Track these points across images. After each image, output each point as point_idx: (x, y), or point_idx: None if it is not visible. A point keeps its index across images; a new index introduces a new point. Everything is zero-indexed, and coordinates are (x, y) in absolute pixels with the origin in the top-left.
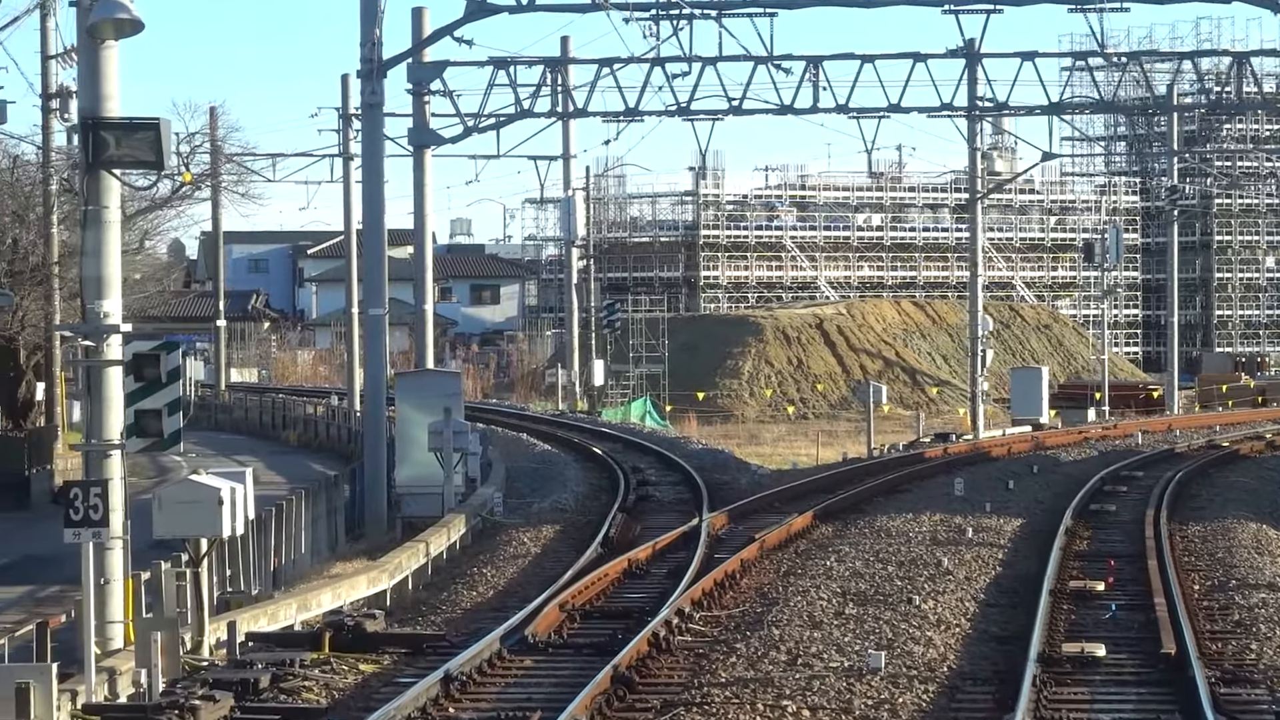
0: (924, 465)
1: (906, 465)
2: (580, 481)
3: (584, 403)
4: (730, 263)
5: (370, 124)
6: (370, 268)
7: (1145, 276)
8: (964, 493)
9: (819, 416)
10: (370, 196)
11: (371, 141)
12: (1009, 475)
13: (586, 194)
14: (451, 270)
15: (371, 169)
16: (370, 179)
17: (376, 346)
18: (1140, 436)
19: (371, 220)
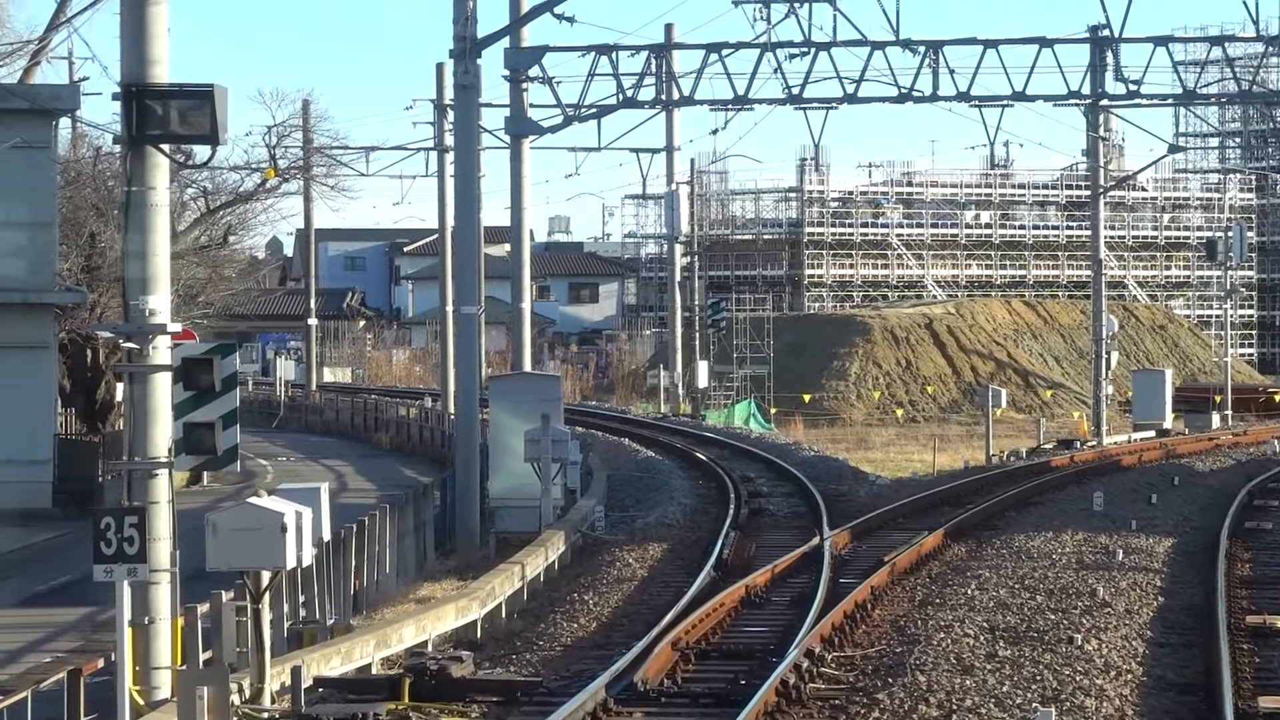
0: (1052, 475)
1: (1033, 475)
2: (687, 492)
3: (687, 405)
4: (835, 261)
5: (464, 107)
6: (463, 263)
7: (1261, 276)
8: (1104, 507)
9: (929, 420)
10: (463, 186)
11: (465, 126)
12: (1147, 487)
13: (691, 188)
14: (549, 268)
15: (464, 155)
16: (463, 166)
17: (469, 348)
18: (1277, 444)
19: (464, 211)
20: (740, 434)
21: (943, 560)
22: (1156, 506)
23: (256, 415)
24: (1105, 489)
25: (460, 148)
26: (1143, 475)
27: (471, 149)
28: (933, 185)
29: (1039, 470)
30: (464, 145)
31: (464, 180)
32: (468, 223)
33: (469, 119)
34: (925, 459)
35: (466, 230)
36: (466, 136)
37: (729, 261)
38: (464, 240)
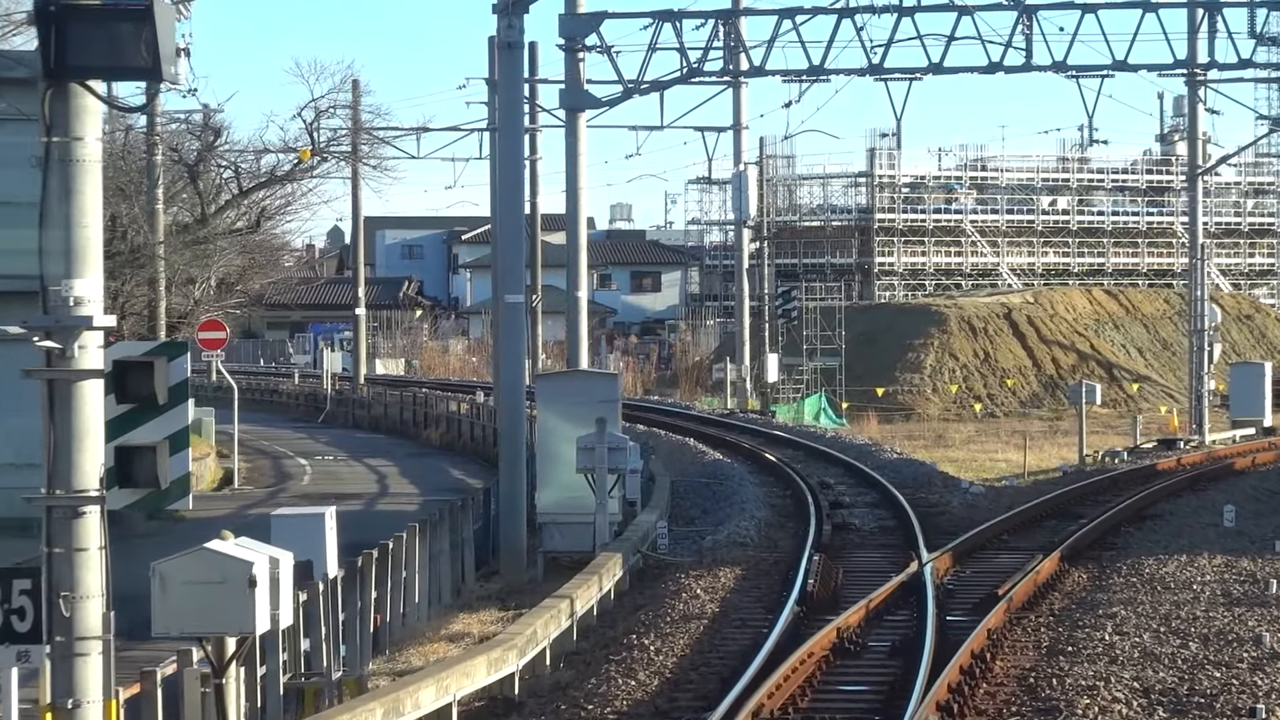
0: (1162, 481)
1: (1140, 481)
2: (760, 502)
3: (755, 401)
4: (906, 248)
5: (508, 69)
6: (508, 245)
7: None
8: (1235, 523)
9: (1008, 415)
10: (508, 158)
11: (510, 90)
12: (1271, 496)
13: (760, 168)
14: (611, 256)
15: (510, 124)
16: (508, 136)
17: (514, 340)
18: None
19: (509, 187)
20: (813, 433)
21: (1063, 591)
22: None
23: (303, 409)
24: (1228, 498)
25: (505, 116)
26: (1263, 481)
27: (516, 117)
28: (1007, 170)
29: (1146, 475)
30: (509, 113)
31: (509, 153)
32: (513, 200)
33: (514, 82)
34: (1011, 459)
35: (511, 208)
36: (511, 103)
37: (796, 249)
38: (509, 220)
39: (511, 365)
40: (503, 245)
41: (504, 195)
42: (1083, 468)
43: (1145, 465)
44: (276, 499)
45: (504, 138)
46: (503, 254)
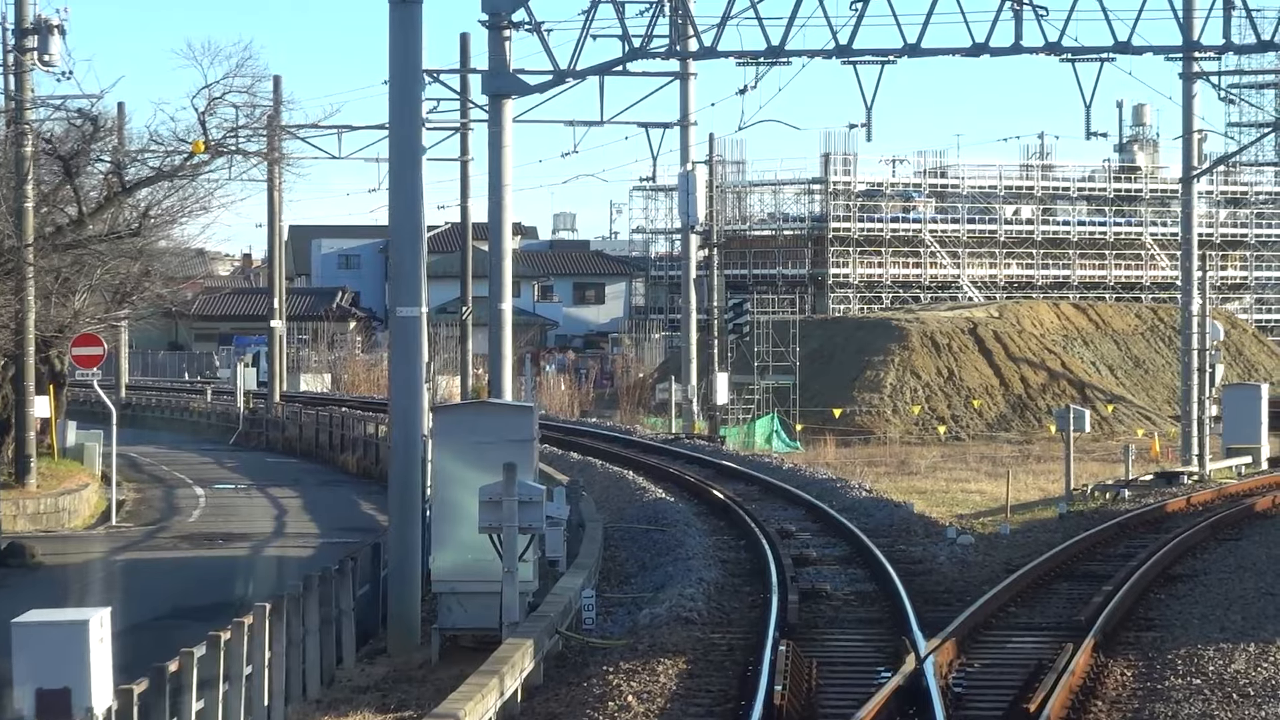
0: (1177, 527)
1: (1151, 527)
2: (709, 557)
3: (703, 423)
4: (862, 259)
5: (401, 30)
6: (401, 246)
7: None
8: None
9: (975, 438)
10: (401, 139)
11: (403, 56)
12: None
13: (710, 168)
14: (553, 267)
15: (403, 98)
16: (402, 112)
17: (407, 363)
18: None
19: (402, 174)
20: (768, 463)
21: (1108, 699)
22: None
23: (216, 429)
24: (1265, 552)
25: (398, 90)
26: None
27: (411, 90)
28: (967, 178)
29: (1155, 520)
30: (403, 86)
31: (402, 135)
32: (407, 192)
33: (407, 47)
34: (985, 490)
35: (405, 203)
36: (404, 73)
37: (746, 259)
38: (403, 217)
39: (404, 393)
40: (396, 248)
41: (397, 186)
42: (1071, 507)
43: (1151, 506)
44: (155, 539)
45: (396, 116)
46: (396, 258)
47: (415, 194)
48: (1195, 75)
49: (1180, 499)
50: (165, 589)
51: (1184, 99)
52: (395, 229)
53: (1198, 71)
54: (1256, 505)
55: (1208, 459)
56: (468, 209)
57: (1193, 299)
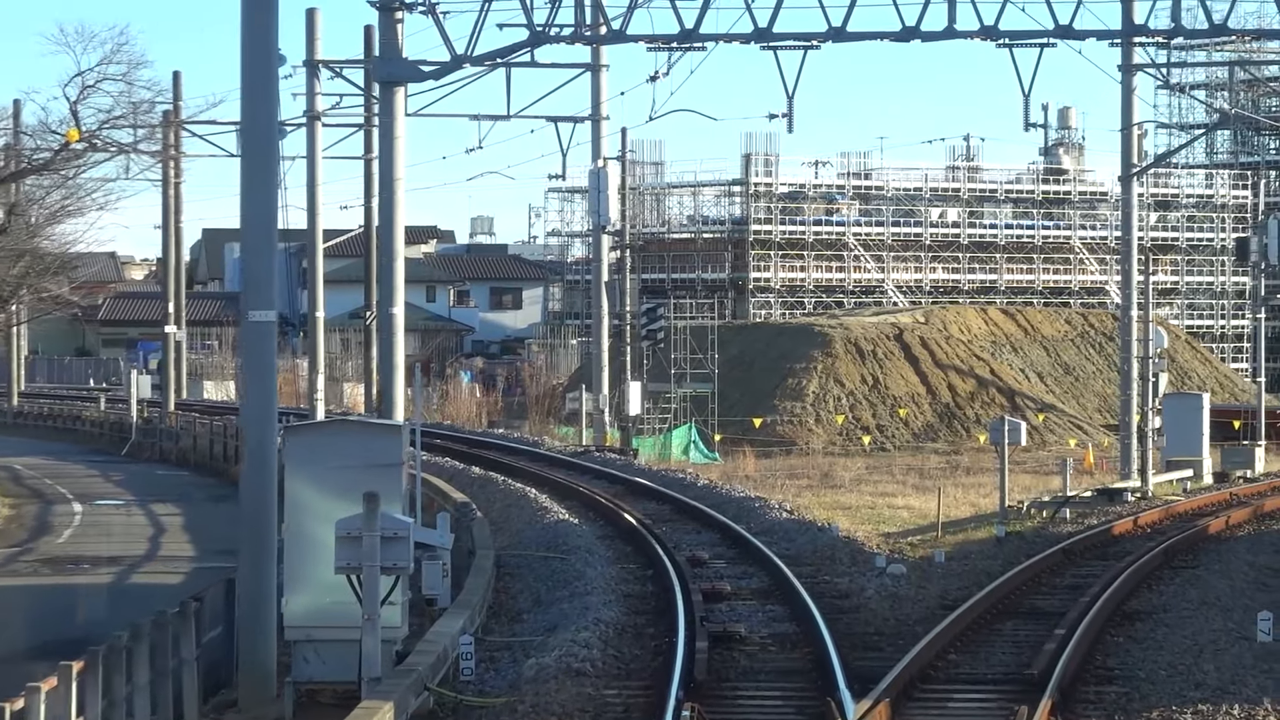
0: (1126, 552)
1: (1097, 552)
2: (610, 591)
3: (615, 435)
4: (784, 263)
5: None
6: (252, 243)
7: (1255, 283)
8: (1274, 635)
9: (901, 448)
10: (253, 121)
11: (256, 23)
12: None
13: (623, 164)
14: (470, 271)
15: (256, 72)
16: (255, 89)
17: (260, 378)
18: None
19: (255, 160)
20: (682, 480)
21: None
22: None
23: (109, 439)
24: (1229, 584)
25: (251, 62)
26: (1254, 553)
27: (264, 62)
28: (892, 180)
29: (1102, 544)
30: (255, 58)
31: (254, 117)
32: (259, 182)
33: (260, 12)
34: (913, 505)
35: (257, 194)
36: (256, 43)
37: (665, 263)
38: (255, 212)
39: (257, 408)
40: (248, 246)
41: (249, 179)
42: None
43: (1096, 528)
44: (15, 563)
45: (248, 99)
46: (248, 257)
47: (269, 187)
48: (1135, 66)
49: (1127, 519)
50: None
51: (1123, 91)
52: (248, 226)
53: (1138, 63)
54: (1209, 527)
55: (1150, 474)
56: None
57: (1133, 304)
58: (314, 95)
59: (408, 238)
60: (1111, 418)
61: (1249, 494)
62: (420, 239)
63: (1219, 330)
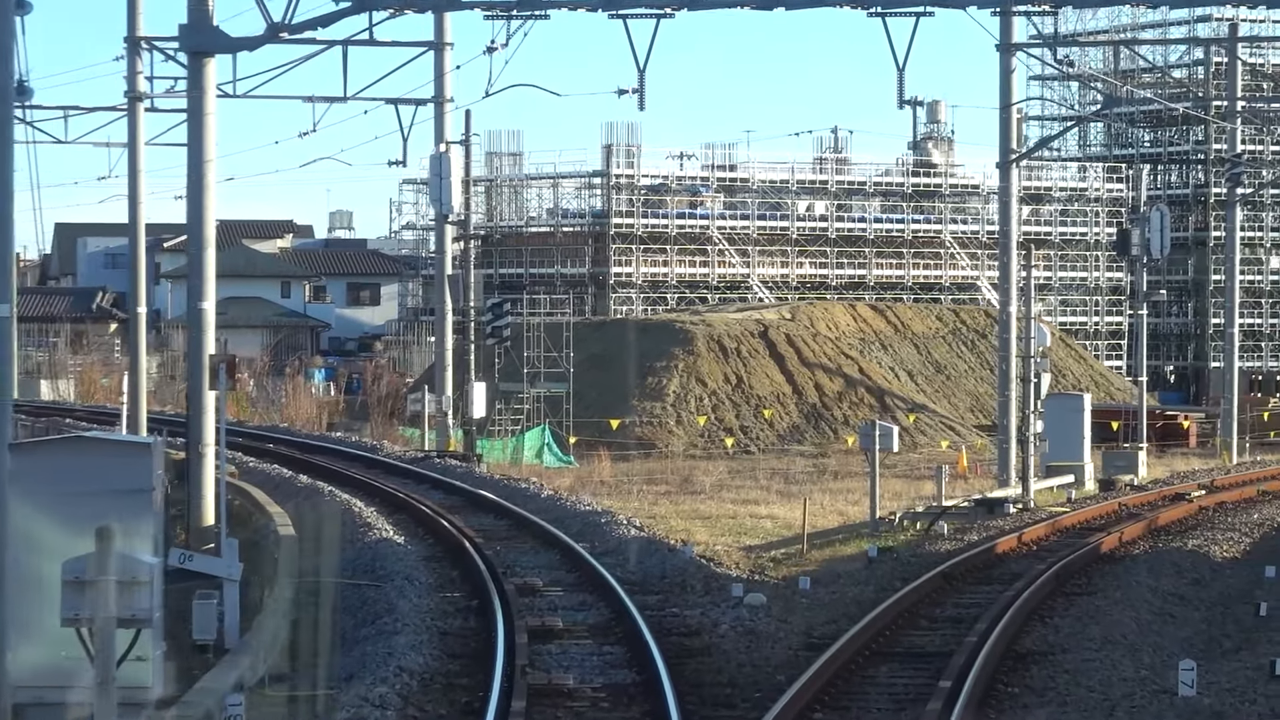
0: (1011, 575)
1: (980, 574)
2: (425, 629)
3: (460, 439)
4: (646, 257)
5: None
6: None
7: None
8: (1198, 687)
9: (765, 451)
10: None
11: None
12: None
13: (466, 148)
14: (326, 267)
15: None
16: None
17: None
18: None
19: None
20: (526, 490)
21: None
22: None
23: None
24: (1132, 614)
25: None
26: (1155, 576)
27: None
28: (758, 173)
29: (985, 565)
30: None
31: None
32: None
33: None
34: (777, 515)
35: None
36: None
37: (523, 258)
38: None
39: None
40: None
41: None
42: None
43: (978, 546)
44: None
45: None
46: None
47: (4, 171)
48: (1015, 45)
49: (1010, 536)
50: None
51: (1001, 71)
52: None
53: (1018, 41)
54: (1102, 545)
55: (1031, 483)
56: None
57: (1011, 299)
58: (135, 75)
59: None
60: (984, 417)
61: (1139, 504)
62: (275, 233)
63: (1093, 327)
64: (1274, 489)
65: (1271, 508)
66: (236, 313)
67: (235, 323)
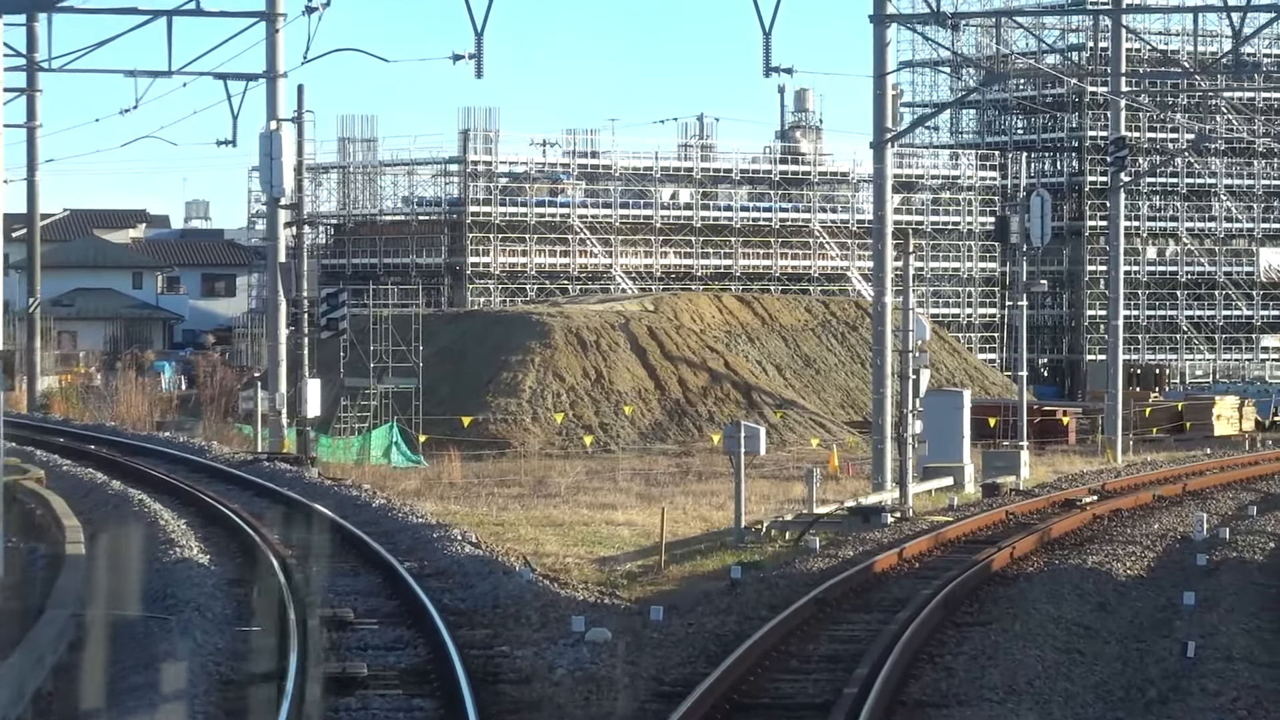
0: (892, 600)
1: (857, 600)
2: (206, 678)
3: (294, 440)
4: (504, 246)
5: None
6: None
7: (1004, 269)
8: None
9: (626, 450)
10: None
11: None
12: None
13: (299, 126)
14: (181, 257)
15: None
16: None
17: None
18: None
19: None
20: (357, 499)
21: None
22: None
23: None
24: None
25: None
26: (1056, 602)
27: None
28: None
29: (863, 586)
30: None
31: None
32: None
33: None
34: (635, 520)
35: None
36: None
37: (377, 247)
38: None
39: None
40: None
41: None
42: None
43: (854, 565)
44: None
45: None
46: None
47: None
48: (889, 17)
49: (890, 553)
50: None
51: (875, 44)
52: None
53: (892, 14)
54: (993, 563)
55: (910, 488)
56: (36, 184)
57: (886, 289)
58: None
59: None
60: (855, 413)
61: (1028, 513)
62: (128, 223)
63: (965, 319)
64: (1169, 494)
65: (1170, 516)
66: (85, 304)
67: (84, 315)
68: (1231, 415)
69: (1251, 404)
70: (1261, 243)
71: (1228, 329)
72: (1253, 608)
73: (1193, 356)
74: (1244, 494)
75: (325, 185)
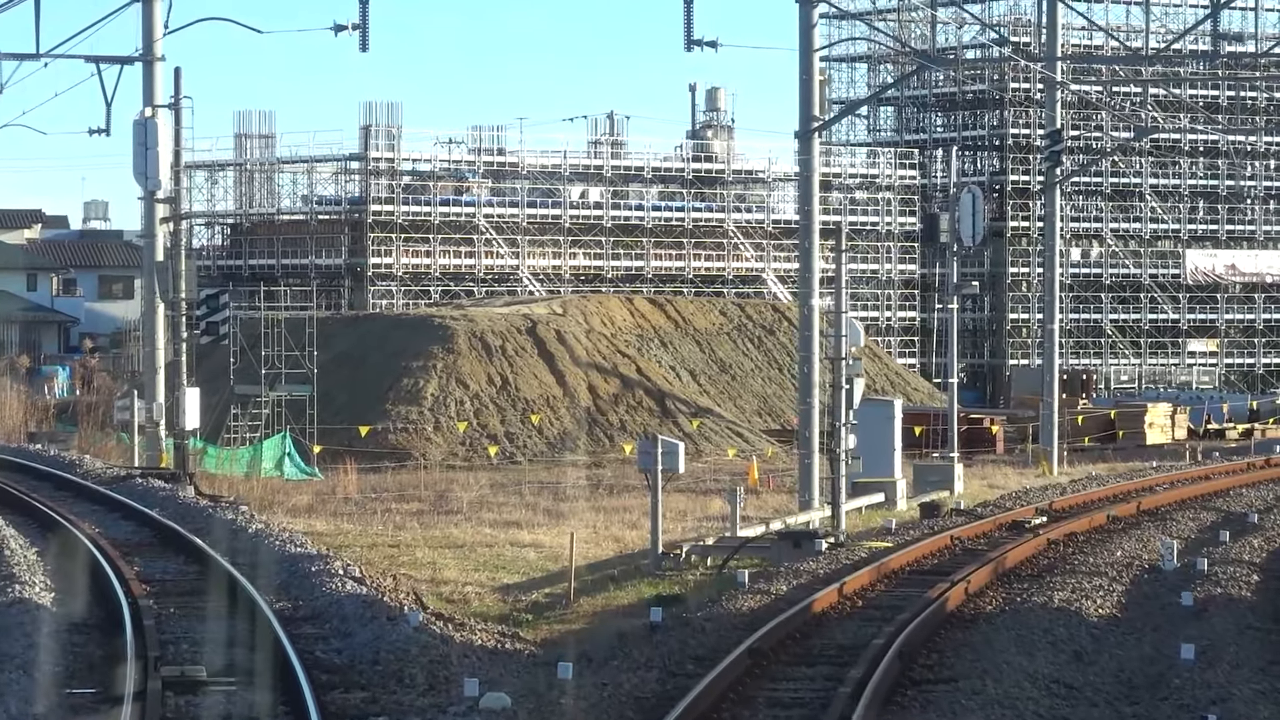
0: (836, 651)
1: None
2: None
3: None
4: (407, 247)
5: None
6: None
7: (924, 271)
8: None
9: (534, 460)
10: None
11: None
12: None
13: (176, 113)
14: (78, 259)
15: None
16: None
17: None
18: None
19: None
20: (233, 523)
21: None
22: None
23: None
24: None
25: None
26: (1027, 649)
27: None
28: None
29: (801, 632)
30: None
31: None
32: None
33: None
34: (543, 540)
35: None
36: None
37: (275, 248)
38: None
39: None
40: None
41: None
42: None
43: (790, 605)
44: None
45: None
46: None
47: None
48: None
49: (829, 589)
50: None
51: (801, 26)
52: None
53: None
54: (948, 601)
55: (843, 508)
56: None
57: (813, 290)
58: None
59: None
60: (774, 421)
61: (975, 537)
62: (23, 223)
63: (884, 323)
64: (1124, 514)
65: (1131, 541)
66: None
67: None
68: (1164, 423)
69: (1185, 411)
70: (1188, 244)
71: (1153, 333)
72: (1259, 661)
73: (1118, 361)
74: (1203, 514)
75: (221, 184)
